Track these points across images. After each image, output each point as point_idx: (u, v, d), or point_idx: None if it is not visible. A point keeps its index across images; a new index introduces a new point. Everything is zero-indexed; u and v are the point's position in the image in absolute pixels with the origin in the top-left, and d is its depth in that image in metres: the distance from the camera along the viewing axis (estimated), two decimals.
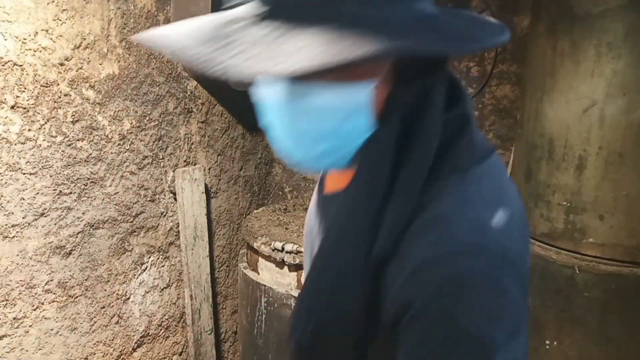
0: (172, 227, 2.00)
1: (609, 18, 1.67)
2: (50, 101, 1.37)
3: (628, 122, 1.56)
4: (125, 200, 1.72)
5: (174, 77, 1.91)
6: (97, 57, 1.51)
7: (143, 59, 1.72)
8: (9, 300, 1.35)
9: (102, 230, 1.63)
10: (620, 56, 1.62)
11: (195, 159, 2.12)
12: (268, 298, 1.86)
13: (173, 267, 2.04)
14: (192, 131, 2.07)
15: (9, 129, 1.27)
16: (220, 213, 2.37)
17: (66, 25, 1.39)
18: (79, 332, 1.59)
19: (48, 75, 1.36)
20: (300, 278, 1.81)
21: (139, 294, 1.85)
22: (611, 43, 1.65)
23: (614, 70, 1.62)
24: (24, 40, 1.28)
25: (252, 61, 0.49)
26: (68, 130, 1.44)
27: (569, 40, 1.89)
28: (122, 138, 1.67)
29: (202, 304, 2.18)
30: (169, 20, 1.83)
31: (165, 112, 1.88)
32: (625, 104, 1.58)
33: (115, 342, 1.76)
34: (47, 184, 1.40)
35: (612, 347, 1.50)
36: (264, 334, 1.91)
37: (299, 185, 2.94)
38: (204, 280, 2.18)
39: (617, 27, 1.63)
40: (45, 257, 1.43)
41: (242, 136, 2.50)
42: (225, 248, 2.44)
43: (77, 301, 1.57)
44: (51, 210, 1.43)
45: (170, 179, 1.95)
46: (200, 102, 2.09)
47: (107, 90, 1.57)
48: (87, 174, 1.54)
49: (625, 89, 1.59)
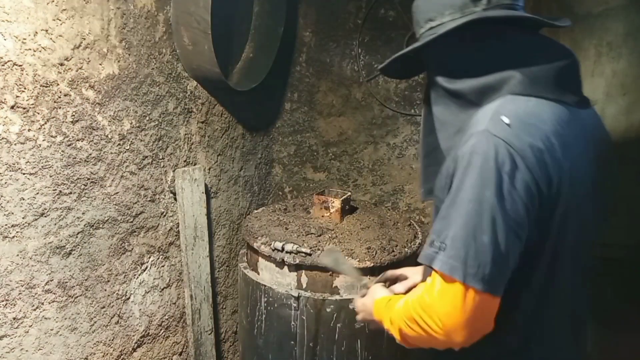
0: (172, 227, 2.00)
1: (610, 18, 1.67)
2: (50, 101, 1.37)
3: (628, 122, 1.56)
4: (125, 200, 1.72)
5: (174, 77, 1.91)
6: (97, 57, 1.51)
7: (143, 59, 1.72)
8: (9, 300, 1.35)
9: (102, 230, 1.63)
10: (621, 56, 1.62)
11: (195, 159, 2.12)
12: (268, 298, 1.86)
13: (173, 267, 2.04)
14: (192, 131, 2.07)
15: (8, 129, 1.27)
16: (220, 213, 2.37)
17: (66, 25, 1.39)
18: (79, 332, 1.59)
19: (48, 75, 1.36)
20: (300, 278, 1.81)
21: (139, 294, 1.85)
22: (611, 43, 1.65)
23: (614, 70, 1.62)
24: (23, 40, 1.28)
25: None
26: (68, 130, 1.44)
27: (570, 40, 1.89)
28: (122, 138, 1.67)
29: (202, 304, 2.18)
30: (169, 20, 1.83)
31: (165, 112, 1.88)
32: (625, 104, 1.58)
33: (115, 342, 1.76)
34: (47, 184, 1.40)
35: None
36: (263, 334, 1.91)
37: (299, 185, 2.94)
38: (204, 280, 2.18)
39: (617, 27, 1.63)
40: (45, 257, 1.43)
41: (242, 136, 2.50)
42: (225, 248, 2.44)
43: (77, 301, 1.57)
44: (51, 210, 1.43)
45: (170, 179, 1.95)
46: (200, 102, 2.09)
47: (107, 90, 1.57)
48: (87, 174, 1.54)
49: (626, 89, 1.59)
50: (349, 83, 2.69)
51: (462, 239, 0.83)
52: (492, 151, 0.83)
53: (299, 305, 1.80)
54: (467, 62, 0.99)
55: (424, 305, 0.90)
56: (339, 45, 2.67)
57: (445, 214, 0.87)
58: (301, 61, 2.76)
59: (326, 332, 1.80)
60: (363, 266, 1.75)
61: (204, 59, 1.87)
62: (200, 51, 1.85)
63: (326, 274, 1.78)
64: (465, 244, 0.83)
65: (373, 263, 1.76)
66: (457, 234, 0.84)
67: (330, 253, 1.66)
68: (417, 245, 1.94)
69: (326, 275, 1.78)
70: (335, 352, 1.81)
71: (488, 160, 0.83)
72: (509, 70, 0.93)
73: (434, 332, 0.88)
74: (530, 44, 0.98)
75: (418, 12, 1.07)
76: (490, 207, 0.82)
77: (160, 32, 1.80)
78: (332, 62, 2.70)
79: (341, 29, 2.65)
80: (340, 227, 1.96)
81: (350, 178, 2.80)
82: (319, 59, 2.72)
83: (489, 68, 0.96)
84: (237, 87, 2.16)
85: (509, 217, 0.82)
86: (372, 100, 2.67)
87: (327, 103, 2.76)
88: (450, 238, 0.84)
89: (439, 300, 0.86)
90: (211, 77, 1.97)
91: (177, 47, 1.89)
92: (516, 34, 0.99)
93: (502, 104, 0.91)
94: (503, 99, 0.92)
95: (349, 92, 2.70)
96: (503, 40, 0.98)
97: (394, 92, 2.62)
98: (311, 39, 2.72)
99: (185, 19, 1.81)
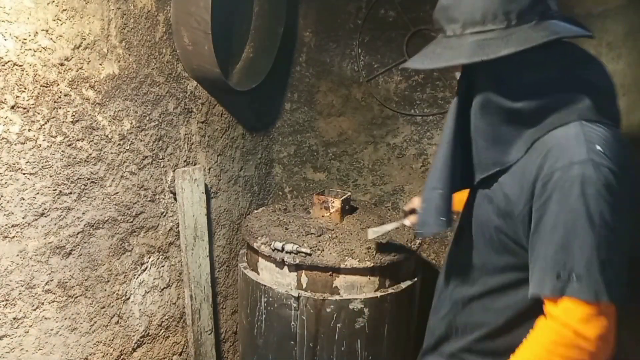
0: (172, 227, 2.00)
1: (610, 18, 1.67)
2: (50, 101, 1.37)
3: (628, 122, 1.56)
4: (125, 200, 1.72)
5: (174, 77, 1.91)
6: (97, 57, 1.51)
7: (143, 59, 1.72)
8: (9, 300, 1.35)
9: (102, 230, 1.63)
10: (621, 56, 1.62)
11: (195, 159, 2.12)
12: (268, 298, 1.86)
13: (173, 267, 2.04)
14: (192, 131, 2.07)
15: (9, 129, 1.27)
16: (220, 213, 2.37)
17: (66, 26, 1.39)
18: (79, 332, 1.59)
19: (48, 75, 1.36)
20: (300, 278, 1.82)
21: (139, 294, 1.85)
22: (611, 43, 1.65)
23: (614, 71, 1.62)
24: (24, 40, 1.28)
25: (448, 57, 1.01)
26: (68, 131, 1.44)
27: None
28: (122, 138, 1.67)
29: (202, 304, 2.18)
30: (169, 20, 1.83)
31: (165, 112, 1.88)
32: (625, 104, 1.57)
33: (115, 342, 1.76)
34: (47, 184, 1.40)
35: None
36: (264, 334, 1.91)
37: (299, 185, 2.94)
38: (204, 280, 2.18)
39: (617, 27, 1.63)
40: (45, 257, 1.43)
41: (242, 136, 2.50)
42: (225, 248, 2.44)
43: (77, 301, 1.57)
44: (51, 210, 1.43)
45: (170, 179, 1.95)
46: (200, 102, 2.09)
47: (107, 91, 1.57)
48: (87, 174, 1.54)
49: (625, 89, 1.59)
50: (349, 83, 2.69)
51: (596, 264, 0.88)
52: (603, 179, 0.89)
53: (299, 305, 1.80)
54: (532, 80, 0.98)
55: (570, 340, 0.91)
56: (339, 46, 2.67)
57: (564, 244, 0.90)
58: (301, 61, 2.76)
59: (326, 332, 1.80)
60: (363, 266, 1.75)
61: (204, 59, 1.87)
62: (200, 51, 1.85)
63: (326, 274, 1.78)
64: (601, 269, 0.88)
65: (373, 263, 1.76)
66: (590, 260, 0.88)
67: (374, 233, 1.76)
68: (417, 245, 1.94)
69: (326, 275, 1.78)
70: (335, 352, 1.81)
71: (602, 187, 0.88)
72: (575, 93, 0.96)
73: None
74: (586, 61, 1.01)
75: (458, 10, 1.00)
76: (615, 230, 0.89)
77: (161, 32, 1.80)
78: (332, 62, 2.70)
79: (341, 29, 2.65)
80: (340, 227, 1.96)
81: (350, 178, 2.81)
82: (319, 59, 2.72)
83: (554, 87, 0.97)
84: (237, 87, 2.16)
85: (625, 236, 0.92)
86: (372, 100, 2.67)
87: (327, 103, 2.76)
88: (584, 267, 0.89)
89: (586, 327, 0.90)
90: (211, 77, 1.97)
91: (177, 47, 1.89)
92: (574, 49, 1.00)
93: (586, 132, 0.93)
94: (578, 125, 0.94)
95: (349, 92, 2.70)
96: (566, 56, 0.99)
97: (394, 92, 2.62)
98: (311, 39, 2.72)
99: (185, 19, 1.81)
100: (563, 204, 0.90)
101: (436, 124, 2.59)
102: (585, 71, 0.99)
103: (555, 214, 0.91)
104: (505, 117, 1.01)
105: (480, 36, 0.97)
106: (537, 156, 0.95)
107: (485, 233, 1.08)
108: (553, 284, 0.91)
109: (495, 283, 1.08)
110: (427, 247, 2.72)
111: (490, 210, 1.06)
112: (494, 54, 0.94)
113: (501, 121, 1.01)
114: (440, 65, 1.01)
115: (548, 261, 0.91)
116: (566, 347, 0.91)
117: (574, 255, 0.89)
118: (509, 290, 1.06)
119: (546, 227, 0.92)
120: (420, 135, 2.62)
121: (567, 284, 0.89)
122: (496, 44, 0.95)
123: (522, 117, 0.98)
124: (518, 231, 1.00)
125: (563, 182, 0.90)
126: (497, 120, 1.02)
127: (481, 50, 0.96)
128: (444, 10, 1.03)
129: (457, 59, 0.99)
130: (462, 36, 1.00)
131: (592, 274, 0.88)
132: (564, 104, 0.95)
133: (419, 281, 2.00)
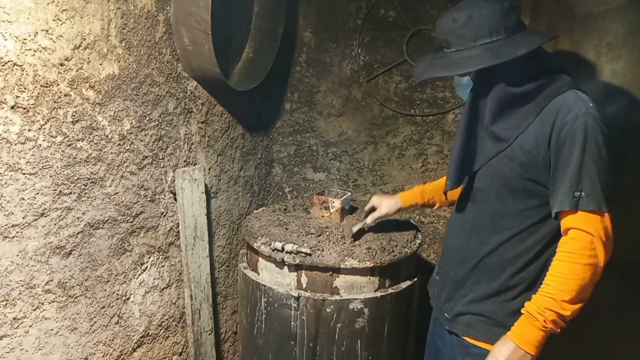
0: (172, 227, 2.00)
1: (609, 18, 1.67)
2: (50, 101, 1.37)
3: (628, 122, 1.56)
4: (125, 200, 1.72)
5: (174, 78, 1.91)
6: (97, 57, 1.51)
7: (143, 59, 1.72)
8: (9, 300, 1.35)
9: (102, 230, 1.63)
10: (621, 56, 1.61)
11: (195, 159, 2.12)
12: (268, 298, 1.86)
13: (173, 267, 2.04)
14: (192, 131, 2.07)
15: (9, 129, 1.27)
16: (220, 213, 2.37)
17: (66, 26, 1.39)
18: (79, 332, 1.59)
19: (48, 75, 1.36)
20: (300, 278, 1.82)
21: (139, 294, 1.85)
22: (611, 43, 1.65)
23: (613, 71, 1.62)
24: (24, 40, 1.28)
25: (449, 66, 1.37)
26: (68, 131, 1.44)
27: (569, 40, 1.89)
28: (122, 138, 1.67)
29: (202, 304, 2.18)
30: (169, 20, 1.83)
31: (165, 112, 1.88)
32: (626, 104, 1.57)
33: (115, 342, 1.76)
34: (47, 184, 1.40)
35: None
36: (263, 334, 1.91)
37: (299, 185, 2.94)
38: (204, 280, 2.18)
39: (617, 28, 1.63)
40: (45, 257, 1.43)
41: (242, 136, 2.50)
42: (225, 248, 2.44)
43: (77, 301, 1.57)
44: (51, 210, 1.43)
45: (170, 179, 1.95)
46: (200, 102, 2.09)
47: (107, 91, 1.57)
48: (87, 174, 1.54)
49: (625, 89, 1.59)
50: (349, 83, 2.69)
51: (598, 184, 1.21)
52: (599, 125, 1.22)
53: (299, 305, 1.80)
54: (528, 70, 1.32)
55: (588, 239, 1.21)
56: (339, 46, 2.67)
57: (576, 172, 1.22)
58: (301, 61, 2.76)
59: (326, 332, 1.80)
60: (363, 266, 1.75)
61: (204, 59, 1.87)
62: (200, 51, 1.85)
63: (326, 274, 1.78)
64: (601, 188, 1.21)
65: (373, 263, 1.76)
66: (594, 182, 1.21)
67: (356, 234, 1.88)
68: (417, 245, 1.94)
69: (326, 276, 1.78)
70: (335, 352, 1.81)
71: (599, 131, 1.22)
72: (556, 74, 1.32)
73: (602, 260, 1.22)
74: (548, 54, 1.40)
75: (468, 28, 1.32)
76: (606, 160, 1.22)
77: (161, 32, 1.80)
78: (332, 62, 2.70)
79: (341, 29, 2.65)
80: (341, 227, 1.96)
81: (350, 178, 2.81)
82: (319, 59, 2.72)
83: (542, 72, 1.32)
84: (237, 87, 2.16)
85: (610, 164, 1.24)
86: (372, 101, 2.67)
87: (327, 103, 2.76)
88: (590, 186, 1.21)
89: (595, 228, 1.21)
90: (211, 77, 1.97)
91: (177, 47, 1.89)
92: (539, 47, 1.35)
93: (580, 96, 1.27)
94: (573, 92, 1.28)
95: (349, 92, 2.70)
96: (543, 52, 1.37)
97: (394, 92, 2.62)
98: (311, 39, 2.72)
99: (185, 19, 1.81)
100: (574, 145, 1.22)
101: (436, 124, 2.59)
102: (552, 57, 1.39)
103: (568, 152, 1.23)
104: (517, 99, 1.33)
105: (488, 45, 1.31)
106: (549, 116, 1.27)
107: (512, 185, 1.36)
108: (570, 201, 1.23)
109: (523, 225, 1.36)
110: (427, 247, 2.72)
111: (513, 166, 1.34)
112: (514, 55, 1.27)
113: (514, 102, 1.34)
114: (470, 69, 1.33)
115: (566, 186, 1.23)
116: (584, 245, 1.22)
117: (583, 179, 1.21)
118: (534, 228, 1.35)
119: (563, 162, 1.24)
120: (420, 135, 2.62)
121: (579, 200, 1.22)
122: (508, 48, 1.29)
123: (529, 96, 1.32)
124: (540, 173, 1.30)
125: (573, 130, 1.22)
126: (512, 102, 1.34)
127: (499, 54, 1.29)
128: (453, 31, 1.34)
129: (487, 62, 1.29)
130: (472, 48, 1.33)
131: (595, 192, 1.21)
132: (556, 81, 1.31)
133: (419, 281, 2.00)
